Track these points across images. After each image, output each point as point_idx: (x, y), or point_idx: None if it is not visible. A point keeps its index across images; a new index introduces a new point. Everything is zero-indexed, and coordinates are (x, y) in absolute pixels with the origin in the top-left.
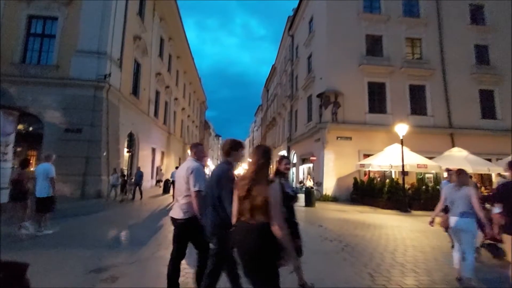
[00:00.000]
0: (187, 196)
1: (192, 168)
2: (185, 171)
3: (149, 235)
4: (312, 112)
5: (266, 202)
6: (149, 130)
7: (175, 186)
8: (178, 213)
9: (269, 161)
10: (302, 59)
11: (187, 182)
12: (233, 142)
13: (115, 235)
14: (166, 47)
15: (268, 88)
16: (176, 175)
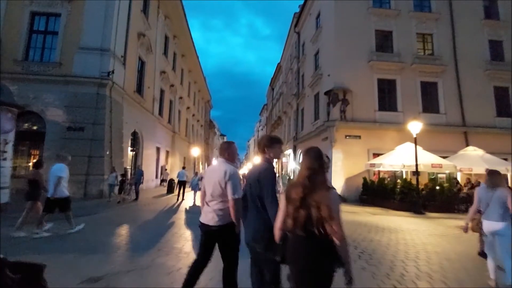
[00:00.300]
0: (223, 202)
1: (230, 173)
2: (221, 175)
3: (149, 239)
4: (320, 110)
5: (326, 212)
6: (154, 129)
7: (205, 189)
8: (211, 219)
9: (323, 165)
10: (308, 56)
11: (223, 187)
12: (268, 138)
13: (113, 239)
14: (171, 45)
15: (274, 87)
16: (207, 177)
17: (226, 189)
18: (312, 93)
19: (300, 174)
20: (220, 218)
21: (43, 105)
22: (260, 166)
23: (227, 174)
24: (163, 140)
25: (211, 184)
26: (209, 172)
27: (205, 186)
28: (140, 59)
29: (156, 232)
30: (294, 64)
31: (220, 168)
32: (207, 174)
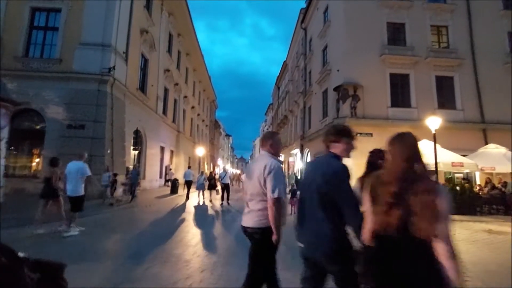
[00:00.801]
0: (262, 201)
1: (271, 167)
2: (260, 170)
3: (145, 245)
4: (328, 107)
5: (431, 211)
6: (158, 128)
7: (245, 187)
8: (250, 221)
9: (421, 156)
10: (316, 52)
11: (262, 184)
12: (336, 129)
13: (105, 245)
14: (175, 43)
15: (279, 85)
16: (247, 174)
17: (265, 187)
18: (320, 90)
19: (393, 167)
20: (258, 220)
21: (43, 102)
22: (327, 162)
23: (267, 168)
24: (168, 139)
25: (251, 181)
26: (249, 167)
27: (245, 183)
28: (143, 56)
29: (153, 237)
30: (301, 61)
31: (260, 162)
32: (247, 170)
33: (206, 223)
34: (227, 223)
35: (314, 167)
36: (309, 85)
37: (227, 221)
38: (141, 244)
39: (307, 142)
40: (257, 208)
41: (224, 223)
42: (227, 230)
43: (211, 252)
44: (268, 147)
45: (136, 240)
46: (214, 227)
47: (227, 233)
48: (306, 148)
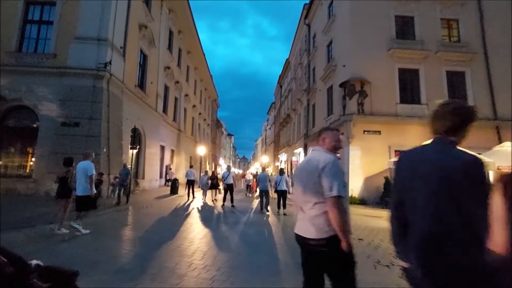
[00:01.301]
0: (319, 204)
1: (326, 162)
2: (314, 167)
3: (133, 256)
4: (333, 104)
5: None
6: (157, 126)
7: (295, 189)
8: (307, 230)
9: None
10: (320, 48)
11: (317, 182)
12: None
13: (90, 255)
14: (176, 40)
15: (282, 84)
16: (298, 174)
17: (321, 185)
18: (325, 87)
19: None
20: (319, 228)
21: (36, 99)
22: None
23: (321, 163)
24: (168, 138)
25: (303, 181)
26: (301, 165)
27: (297, 185)
28: (142, 52)
29: (145, 244)
30: (304, 58)
31: (314, 158)
32: (298, 170)
33: (205, 227)
34: (228, 227)
35: (424, 164)
36: (313, 82)
37: (229, 224)
38: (128, 254)
39: (311, 141)
40: (315, 214)
41: (225, 227)
42: (228, 236)
43: (209, 263)
44: (322, 142)
45: (123, 250)
46: (214, 232)
47: (228, 240)
48: (310, 147)
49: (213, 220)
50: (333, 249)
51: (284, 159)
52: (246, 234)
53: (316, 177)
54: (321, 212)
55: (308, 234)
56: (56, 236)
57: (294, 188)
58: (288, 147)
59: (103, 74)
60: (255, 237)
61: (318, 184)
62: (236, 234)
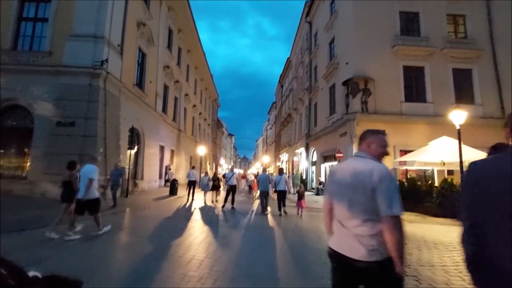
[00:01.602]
0: (372, 222)
1: (382, 173)
2: (365, 178)
3: (123, 265)
4: (336, 103)
5: None
6: (157, 126)
7: (332, 199)
8: (355, 249)
9: None
10: (322, 45)
11: (370, 197)
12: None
13: (71, 263)
14: (175, 39)
15: (283, 83)
16: (337, 181)
17: (376, 201)
18: (327, 85)
19: None
20: (372, 249)
21: (31, 98)
22: None
23: (375, 174)
24: (168, 138)
25: (347, 192)
26: (341, 173)
27: (334, 195)
28: (140, 50)
29: (137, 252)
30: (306, 57)
31: (362, 167)
32: (336, 176)
33: (203, 232)
34: (228, 232)
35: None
36: (315, 81)
37: (228, 228)
38: (116, 264)
39: (313, 141)
40: (365, 233)
41: (224, 232)
42: (227, 242)
43: (205, 275)
44: (367, 147)
45: (110, 259)
46: (212, 238)
47: (227, 246)
48: (311, 146)
49: (212, 224)
50: (386, 273)
51: (286, 159)
52: (246, 240)
53: (368, 191)
54: (374, 232)
55: (355, 254)
56: (47, 242)
57: (329, 199)
58: (289, 147)
59: (100, 72)
60: (256, 243)
61: (371, 199)
62: (235, 240)
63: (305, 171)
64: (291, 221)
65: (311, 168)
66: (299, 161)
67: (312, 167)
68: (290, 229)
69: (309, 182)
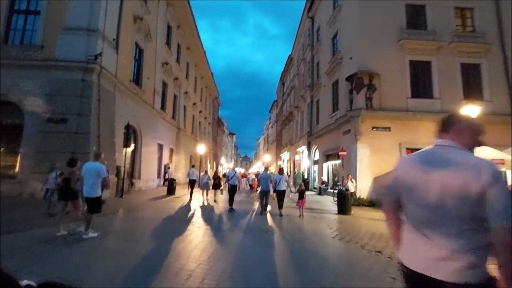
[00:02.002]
0: (475, 233)
1: (493, 171)
2: (462, 175)
3: (102, 276)
4: (339, 100)
5: None
6: (155, 124)
7: (401, 200)
8: (446, 268)
9: None
10: (324, 41)
11: (476, 203)
12: None
13: (49, 274)
14: (174, 35)
15: (284, 81)
16: (412, 175)
17: (483, 205)
18: (330, 82)
19: None
20: (468, 267)
21: (21, 94)
22: None
23: (485, 172)
24: (167, 136)
25: (434, 191)
26: (422, 165)
27: (407, 193)
28: (137, 45)
29: (122, 260)
30: (308, 53)
31: (461, 160)
32: (411, 169)
33: (197, 237)
34: (224, 236)
35: None
36: (317, 78)
37: (225, 231)
38: (94, 275)
39: (315, 139)
40: (463, 246)
41: (220, 236)
42: (223, 249)
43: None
44: (456, 135)
45: (88, 269)
46: (206, 243)
47: (222, 253)
48: (313, 145)
49: (209, 227)
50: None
51: (287, 158)
52: (244, 246)
53: (472, 193)
54: (474, 245)
55: (444, 274)
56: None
57: (395, 197)
58: (291, 145)
59: (93, 67)
60: (254, 250)
61: (475, 203)
62: (232, 246)
63: (306, 170)
64: (293, 223)
65: (313, 167)
66: (300, 160)
67: (314, 166)
68: (292, 232)
69: (311, 181)
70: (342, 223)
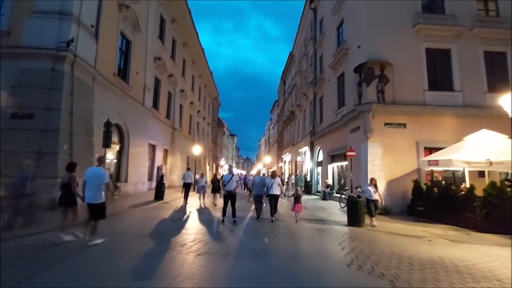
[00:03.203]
0: None
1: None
2: None
3: None
4: (346, 94)
5: None
6: (145, 123)
7: None
8: None
9: None
10: (329, 32)
11: None
12: None
13: None
14: (169, 29)
15: (285, 80)
16: None
17: None
18: (335, 75)
19: None
20: None
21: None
22: None
23: None
24: (160, 136)
25: None
26: None
27: None
28: (124, 36)
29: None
30: (310, 48)
31: None
32: None
33: (169, 260)
34: (208, 262)
35: None
36: (320, 72)
37: (212, 254)
38: None
39: (319, 139)
40: None
41: (202, 264)
42: (211, 273)
43: None
44: None
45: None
46: (178, 271)
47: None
48: (317, 145)
49: (183, 248)
50: None
51: (288, 160)
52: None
53: None
54: None
55: None
56: None
57: None
58: (293, 146)
59: (65, 55)
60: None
61: None
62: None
63: (309, 172)
64: (293, 239)
65: (316, 169)
66: (303, 161)
67: (317, 168)
68: (293, 255)
69: (314, 184)
70: (356, 239)
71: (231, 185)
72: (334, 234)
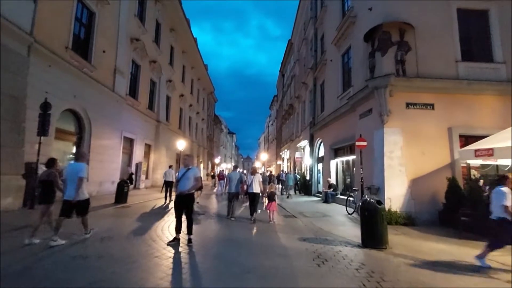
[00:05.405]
0: None
1: None
2: None
3: None
4: (352, 73)
5: None
6: (117, 112)
7: None
8: None
9: None
10: (331, 4)
11: None
12: None
13: None
14: (150, 9)
15: (284, 72)
16: None
17: None
18: (339, 53)
19: None
20: None
21: None
22: None
23: None
24: (140, 129)
25: None
26: None
27: None
28: (83, 4)
29: None
30: (310, 29)
31: None
32: None
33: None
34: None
35: None
36: (321, 54)
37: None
38: None
39: (319, 130)
40: None
41: None
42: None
43: None
44: None
45: None
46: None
47: None
48: (317, 137)
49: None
50: None
51: (287, 157)
52: None
53: None
54: None
55: None
56: None
57: None
58: (291, 142)
59: None
60: None
61: None
62: None
63: (308, 169)
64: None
65: (317, 166)
66: (301, 157)
67: (318, 165)
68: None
69: (314, 184)
70: (382, 279)
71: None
72: (342, 266)
